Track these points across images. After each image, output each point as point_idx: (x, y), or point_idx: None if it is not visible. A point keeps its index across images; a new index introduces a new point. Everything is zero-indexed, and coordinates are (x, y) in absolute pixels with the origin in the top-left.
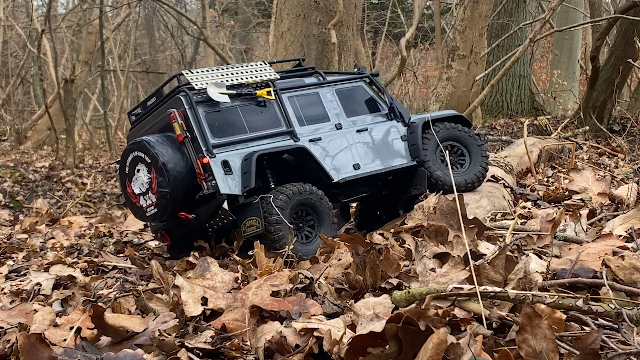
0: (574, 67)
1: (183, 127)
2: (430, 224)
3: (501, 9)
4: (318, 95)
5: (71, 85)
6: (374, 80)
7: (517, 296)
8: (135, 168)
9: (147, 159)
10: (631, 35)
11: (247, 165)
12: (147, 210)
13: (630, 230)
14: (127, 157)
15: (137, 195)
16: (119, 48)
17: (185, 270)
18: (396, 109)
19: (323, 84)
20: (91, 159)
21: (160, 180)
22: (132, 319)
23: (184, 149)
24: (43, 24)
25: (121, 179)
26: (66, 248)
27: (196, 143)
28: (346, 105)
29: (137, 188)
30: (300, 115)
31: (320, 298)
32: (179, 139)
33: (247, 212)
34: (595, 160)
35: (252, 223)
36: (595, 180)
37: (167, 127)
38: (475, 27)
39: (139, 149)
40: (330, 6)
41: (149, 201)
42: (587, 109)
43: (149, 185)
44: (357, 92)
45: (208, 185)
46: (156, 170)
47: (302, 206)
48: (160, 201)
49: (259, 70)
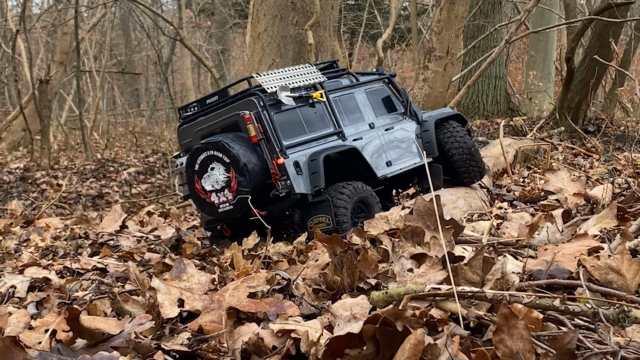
0: (549, 69)
1: (259, 129)
2: (407, 224)
3: (477, 10)
4: (353, 96)
5: (46, 86)
6: (392, 81)
7: (495, 296)
8: (208, 166)
9: (226, 159)
10: (606, 37)
11: (315, 165)
12: (220, 207)
13: (603, 230)
14: (198, 155)
15: (209, 192)
16: (95, 48)
17: (162, 272)
18: (411, 108)
19: (357, 85)
20: (66, 160)
21: (241, 180)
22: (108, 321)
23: (258, 149)
24: (18, 24)
25: (188, 175)
26: (41, 250)
27: (270, 144)
28: (374, 105)
29: (208, 185)
30: (344, 116)
31: (297, 299)
32: (254, 140)
33: (316, 210)
34: (571, 161)
35: (321, 220)
36: (570, 180)
37: (232, 126)
38: (451, 28)
39: (216, 149)
40: (307, 7)
41: (224, 198)
42: (562, 109)
43: (225, 184)
44: (381, 92)
45: (282, 185)
46: (236, 170)
47: (359, 203)
48: (238, 199)
49: (310, 73)
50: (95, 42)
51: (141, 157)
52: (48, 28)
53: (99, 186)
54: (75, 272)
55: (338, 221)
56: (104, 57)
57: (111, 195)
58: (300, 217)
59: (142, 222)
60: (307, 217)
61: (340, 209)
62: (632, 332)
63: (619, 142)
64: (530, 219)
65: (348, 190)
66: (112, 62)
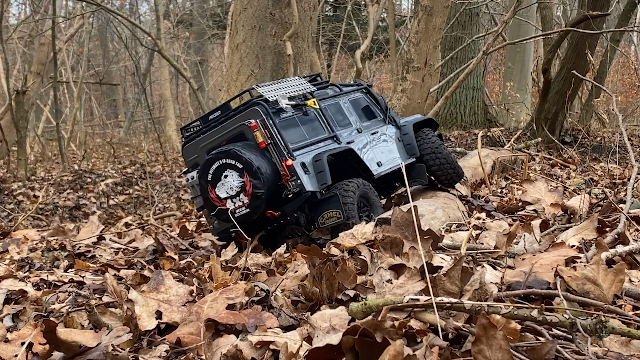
0: (527, 80)
1: (266, 135)
2: (386, 235)
3: (455, 22)
4: (339, 104)
5: (23, 96)
6: (370, 91)
7: (473, 307)
8: (221, 174)
9: (239, 164)
10: (582, 48)
11: (320, 165)
12: (237, 211)
13: (582, 241)
14: (210, 165)
15: (224, 199)
16: (72, 59)
17: (139, 284)
18: (390, 115)
19: (341, 94)
20: (43, 171)
21: (256, 183)
22: (84, 334)
23: (266, 154)
24: None
25: (202, 186)
26: (17, 262)
27: (278, 148)
28: (358, 113)
29: (223, 193)
30: (335, 122)
31: (276, 311)
32: (261, 146)
33: (327, 205)
34: (548, 171)
35: (332, 215)
36: (547, 191)
37: (237, 137)
38: (429, 40)
39: (228, 157)
40: (286, 18)
41: (239, 203)
42: (539, 120)
43: (240, 189)
44: (362, 101)
45: (293, 185)
46: (250, 174)
47: (361, 198)
48: (254, 201)
49: (301, 84)
50: (72, 52)
51: (119, 168)
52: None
53: (76, 197)
54: (52, 284)
55: (348, 215)
56: (82, 67)
57: (88, 206)
58: (305, 219)
59: (120, 234)
60: (317, 213)
61: (348, 203)
62: (609, 342)
63: (596, 152)
64: (508, 229)
65: (352, 186)
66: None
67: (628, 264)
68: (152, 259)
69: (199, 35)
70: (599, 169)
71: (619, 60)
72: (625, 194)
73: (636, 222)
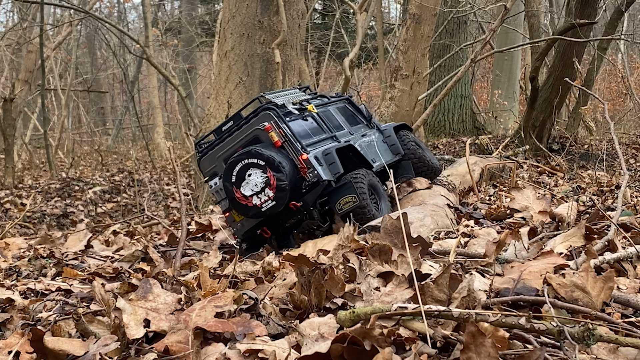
0: (514, 87)
1: (281, 134)
2: (374, 242)
3: (443, 30)
4: (330, 111)
5: (10, 104)
6: (351, 101)
7: (461, 315)
8: (245, 174)
9: (261, 162)
10: (569, 57)
11: (330, 157)
12: (263, 206)
13: (570, 249)
14: (233, 167)
15: (249, 197)
16: (60, 67)
17: (127, 292)
18: (373, 121)
19: (329, 102)
20: (31, 179)
21: (279, 176)
22: (72, 343)
23: (283, 152)
24: None
25: (227, 189)
26: (4, 270)
27: (292, 145)
28: (347, 119)
29: (248, 191)
30: (331, 125)
31: (264, 319)
32: (277, 144)
33: (342, 192)
34: (536, 179)
35: (349, 200)
36: (535, 198)
37: (252, 141)
38: (417, 48)
39: (250, 157)
40: (274, 26)
41: (265, 197)
42: (527, 128)
43: (264, 184)
44: (346, 109)
45: (311, 176)
46: (273, 169)
47: (370, 187)
48: (279, 193)
49: (298, 93)
50: (60, 60)
51: (107, 176)
52: (13, 46)
53: (63, 205)
54: (40, 293)
55: (362, 198)
56: (70, 75)
57: (76, 214)
58: (319, 214)
59: (108, 242)
60: (334, 201)
61: (360, 188)
62: (597, 350)
63: (583, 160)
64: (497, 236)
65: (360, 175)
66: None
67: (616, 272)
68: (139, 268)
69: (188, 43)
70: (586, 177)
71: (606, 68)
72: (613, 202)
73: (624, 230)
